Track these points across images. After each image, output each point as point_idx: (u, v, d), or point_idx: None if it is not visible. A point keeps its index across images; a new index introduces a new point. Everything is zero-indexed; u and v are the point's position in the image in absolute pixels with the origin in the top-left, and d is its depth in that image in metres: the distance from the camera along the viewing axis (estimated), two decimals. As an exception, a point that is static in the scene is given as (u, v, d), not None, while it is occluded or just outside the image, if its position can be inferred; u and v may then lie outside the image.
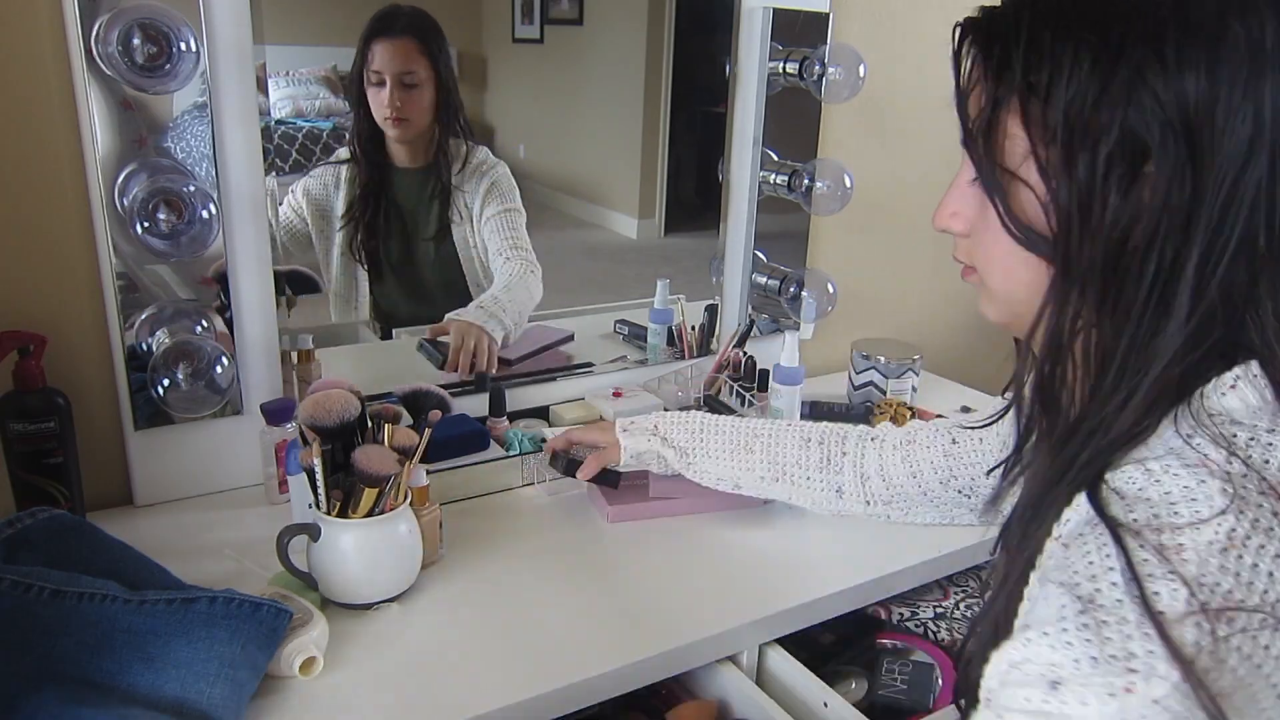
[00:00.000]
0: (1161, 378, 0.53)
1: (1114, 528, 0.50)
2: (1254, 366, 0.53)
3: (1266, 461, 0.51)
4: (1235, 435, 0.52)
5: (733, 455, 1.06)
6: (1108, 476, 0.54)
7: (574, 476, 1.14)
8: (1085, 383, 0.57)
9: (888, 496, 0.99)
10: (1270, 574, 0.47)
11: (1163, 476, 0.51)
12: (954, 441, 0.95)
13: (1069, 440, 0.57)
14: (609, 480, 1.15)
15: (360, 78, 1.22)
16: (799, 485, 1.04)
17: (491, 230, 1.36)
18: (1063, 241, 0.55)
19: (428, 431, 0.98)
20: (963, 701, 0.70)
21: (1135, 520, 0.50)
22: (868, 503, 1.01)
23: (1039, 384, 0.58)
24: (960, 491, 0.94)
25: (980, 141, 0.58)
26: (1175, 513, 0.49)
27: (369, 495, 0.94)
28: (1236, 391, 0.53)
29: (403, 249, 1.33)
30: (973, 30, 0.59)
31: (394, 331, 1.36)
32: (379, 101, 1.24)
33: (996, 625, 0.59)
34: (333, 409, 0.93)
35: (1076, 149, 0.53)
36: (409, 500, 0.99)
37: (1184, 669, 0.44)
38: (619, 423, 1.12)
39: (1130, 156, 0.52)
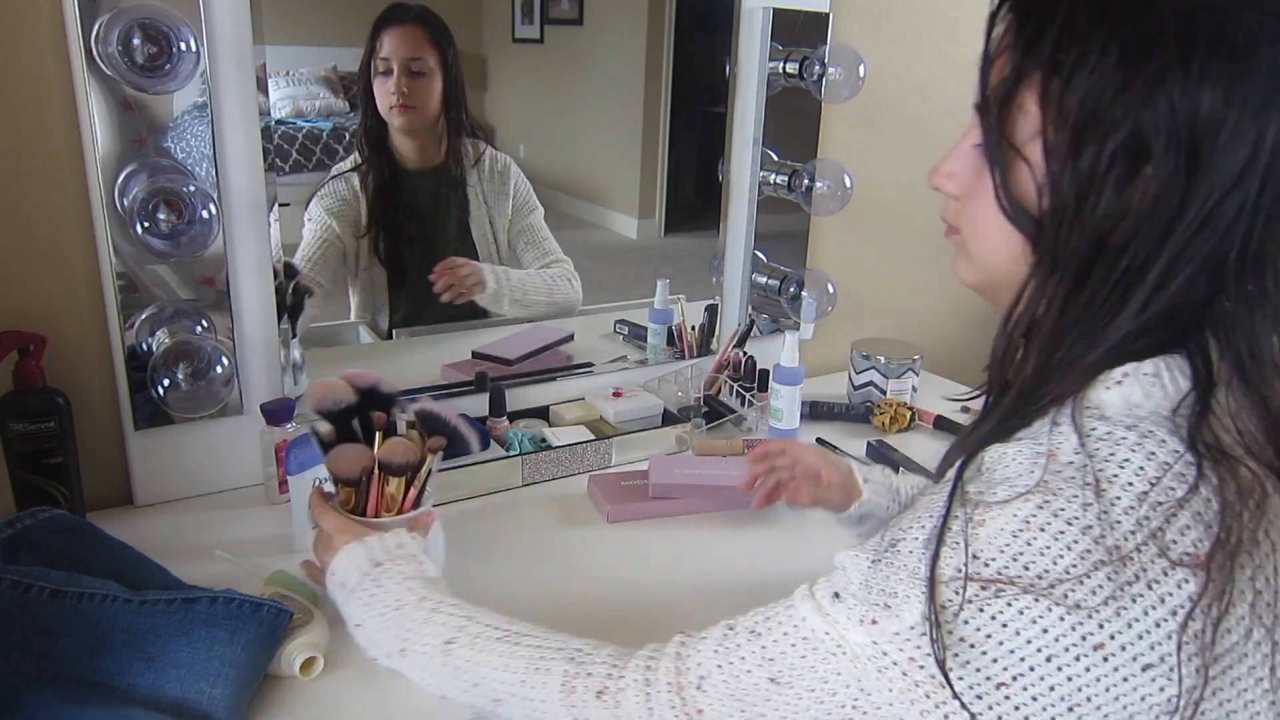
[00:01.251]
0: (1090, 368, 0.55)
1: (952, 494, 0.55)
2: (1146, 366, 0.55)
3: (1110, 455, 0.52)
4: (1094, 428, 0.54)
5: None
6: (992, 447, 0.58)
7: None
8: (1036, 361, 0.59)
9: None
10: (1056, 558, 0.50)
11: (1014, 457, 0.56)
12: None
13: (994, 410, 0.60)
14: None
15: (368, 69, 1.24)
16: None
17: (525, 244, 1.39)
18: (1051, 226, 0.55)
19: (431, 458, 0.90)
20: None
21: (970, 493, 0.55)
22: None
23: (997, 360, 0.60)
24: None
25: (994, 110, 0.58)
26: (994, 493, 0.54)
27: (397, 485, 0.88)
28: (1121, 388, 0.55)
29: (423, 251, 1.34)
30: None
31: (394, 332, 1.36)
32: (385, 90, 1.24)
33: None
34: (339, 397, 0.91)
35: (1085, 138, 0.53)
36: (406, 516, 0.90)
37: (924, 616, 0.52)
38: (858, 469, 1.04)
39: (1133, 156, 0.52)
